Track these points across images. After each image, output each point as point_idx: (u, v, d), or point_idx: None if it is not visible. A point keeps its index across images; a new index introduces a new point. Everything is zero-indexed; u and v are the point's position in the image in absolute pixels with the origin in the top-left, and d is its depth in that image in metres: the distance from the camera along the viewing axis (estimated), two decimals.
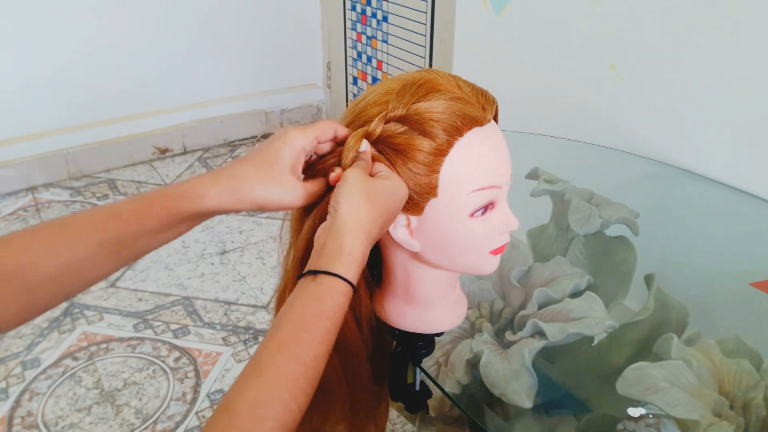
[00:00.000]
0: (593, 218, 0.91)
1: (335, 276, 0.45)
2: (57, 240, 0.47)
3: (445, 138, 0.50)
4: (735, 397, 0.69)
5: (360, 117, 0.53)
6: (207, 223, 1.91)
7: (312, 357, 0.43)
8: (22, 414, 1.27)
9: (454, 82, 0.52)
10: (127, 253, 0.49)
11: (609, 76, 1.22)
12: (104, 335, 1.47)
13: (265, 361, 0.42)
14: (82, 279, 0.48)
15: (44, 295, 0.47)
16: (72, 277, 0.48)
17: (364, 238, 0.47)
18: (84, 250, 0.47)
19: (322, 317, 0.44)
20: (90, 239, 0.47)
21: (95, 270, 0.49)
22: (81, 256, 0.47)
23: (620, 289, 0.89)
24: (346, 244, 0.46)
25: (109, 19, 2.04)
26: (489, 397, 0.71)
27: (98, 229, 0.48)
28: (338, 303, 0.45)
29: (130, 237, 0.49)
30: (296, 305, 0.45)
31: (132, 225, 0.48)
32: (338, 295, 0.45)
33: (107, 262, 0.49)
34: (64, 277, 0.47)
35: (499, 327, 0.81)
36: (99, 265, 0.48)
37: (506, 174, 0.54)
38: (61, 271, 0.47)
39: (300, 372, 0.42)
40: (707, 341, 0.75)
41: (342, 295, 0.45)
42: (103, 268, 0.49)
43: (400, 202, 0.51)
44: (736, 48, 1.01)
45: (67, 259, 0.47)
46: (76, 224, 0.48)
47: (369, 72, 2.18)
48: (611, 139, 1.21)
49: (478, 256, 0.55)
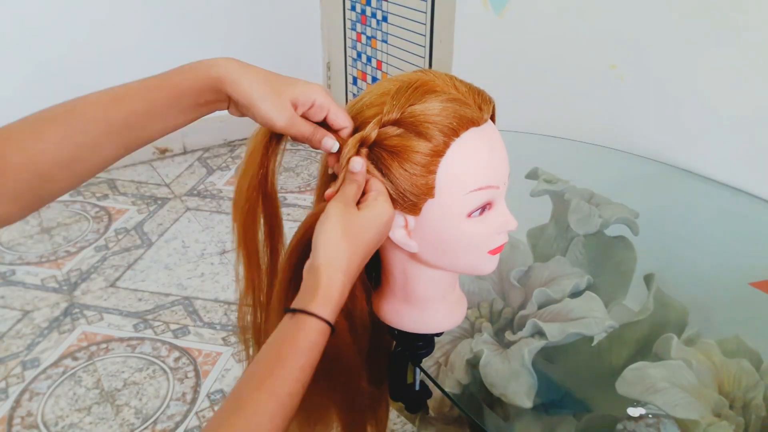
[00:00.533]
0: (593, 218, 0.91)
1: (311, 315, 0.46)
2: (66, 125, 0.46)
3: (441, 139, 0.50)
4: (735, 397, 0.69)
5: (356, 119, 0.53)
6: (207, 223, 1.91)
7: (287, 394, 0.43)
8: (22, 414, 1.27)
9: (451, 82, 0.52)
10: (138, 135, 0.48)
11: (609, 75, 1.22)
12: (104, 335, 1.47)
13: (243, 397, 0.43)
14: (91, 164, 0.47)
15: (57, 183, 0.46)
16: (82, 162, 0.47)
17: (342, 277, 0.48)
18: (94, 133, 0.46)
19: (298, 355, 0.45)
20: (99, 120, 0.46)
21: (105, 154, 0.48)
22: (91, 141, 0.46)
23: (620, 289, 0.89)
24: (322, 284, 0.47)
25: (109, 19, 2.04)
26: (489, 397, 0.71)
27: (108, 108, 0.47)
28: (313, 341, 0.46)
29: (140, 116, 0.48)
30: (274, 342, 0.46)
31: (142, 103, 0.48)
32: (314, 333, 0.46)
33: (118, 144, 0.48)
34: (75, 164, 0.46)
35: (498, 327, 0.81)
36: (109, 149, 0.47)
37: (504, 174, 0.54)
38: (71, 158, 0.46)
39: (276, 409, 0.43)
40: (707, 341, 0.75)
41: (317, 333, 0.46)
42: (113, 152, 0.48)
43: (384, 228, 0.51)
44: (736, 47, 1.01)
45: (77, 145, 0.46)
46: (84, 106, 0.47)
47: (369, 72, 2.18)
48: (611, 138, 1.21)
49: (477, 256, 0.55)
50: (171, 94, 0.48)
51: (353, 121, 0.53)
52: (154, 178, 2.16)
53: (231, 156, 2.32)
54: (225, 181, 2.16)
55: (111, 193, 2.07)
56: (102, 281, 1.66)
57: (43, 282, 1.65)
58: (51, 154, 0.45)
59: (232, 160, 2.29)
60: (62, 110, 0.47)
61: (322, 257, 0.48)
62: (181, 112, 0.49)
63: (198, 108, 0.50)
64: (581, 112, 1.30)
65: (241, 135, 2.41)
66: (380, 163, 0.51)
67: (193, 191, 2.09)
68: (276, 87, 0.50)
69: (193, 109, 0.50)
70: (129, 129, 0.48)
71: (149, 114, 0.48)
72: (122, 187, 2.10)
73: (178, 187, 2.11)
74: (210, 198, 2.05)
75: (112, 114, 0.47)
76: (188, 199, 2.05)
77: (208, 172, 2.21)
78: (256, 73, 0.50)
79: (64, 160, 0.46)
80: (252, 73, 0.50)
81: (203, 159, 2.29)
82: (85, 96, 0.47)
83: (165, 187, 2.11)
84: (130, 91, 0.48)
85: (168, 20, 2.13)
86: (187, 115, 0.50)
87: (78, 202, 2.01)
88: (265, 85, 0.49)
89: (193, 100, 0.49)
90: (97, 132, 0.46)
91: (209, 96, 0.50)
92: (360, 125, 0.53)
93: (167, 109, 0.49)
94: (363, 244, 0.49)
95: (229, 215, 1.95)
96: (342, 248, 0.48)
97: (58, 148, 0.45)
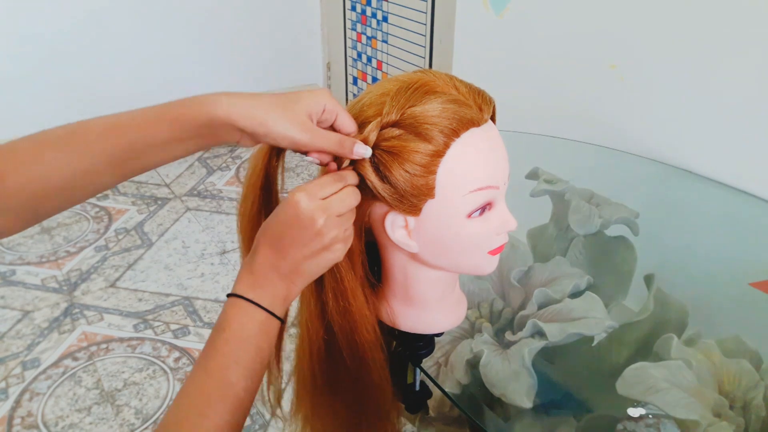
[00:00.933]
0: (593, 218, 0.91)
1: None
2: (67, 150, 0.46)
3: (441, 140, 0.50)
4: (735, 398, 0.69)
5: (356, 119, 0.53)
6: (207, 223, 1.91)
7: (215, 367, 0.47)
8: (22, 414, 1.27)
9: (451, 82, 0.52)
10: (136, 164, 0.49)
11: (609, 76, 1.22)
12: (104, 335, 1.47)
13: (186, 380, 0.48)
14: (88, 189, 0.48)
15: (51, 204, 0.47)
16: (79, 188, 0.47)
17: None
18: (93, 160, 0.47)
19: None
20: (99, 150, 0.47)
21: (103, 181, 0.48)
22: (90, 168, 0.47)
23: (620, 289, 0.89)
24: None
25: (109, 19, 2.04)
26: (489, 397, 0.71)
27: (108, 138, 0.47)
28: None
29: (139, 147, 0.48)
30: None
31: (142, 133, 0.48)
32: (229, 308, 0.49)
33: (116, 173, 0.48)
34: (72, 189, 0.47)
35: (499, 327, 0.81)
36: (107, 176, 0.48)
37: (504, 174, 0.54)
38: (69, 183, 0.46)
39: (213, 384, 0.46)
40: (707, 341, 0.75)
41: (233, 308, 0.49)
42: (111, 179, 0.49)
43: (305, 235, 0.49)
44: (736, 47, 1.01)
45: (76, 171, 0.46)
46: (85, 133, 0.47)
47: (369, 72, 2.18)
48: (611, 139, 1.21)
49: (477, 257, 0.55)
50: (172, 127, 0.48)
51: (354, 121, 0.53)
52: (155, 179, 2.16)
53: (231, 156, 2.32)
54: (225, 182, 2.16)
55: (111, 193, 2.07)
56: (102, 281, 1.66)
57: (43, 282, 1.66)
58: (50, 178, 0.46)
59: (233, 161, 2.29)
60: (63, 134, 0.47)
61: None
62: (181, 144, 0.49)
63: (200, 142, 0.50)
64: (581, 112, 1.30)
65: None
66: (380, 164, 0.51)
67: (194, 191, 2.09)
68: (286, 105, 0.49)
69: (194, 143, 0.49)
70: (128, 160, 0.48)
71: (149, 146, 0.48)
72: (122, 188, 2.10)
73: (178, 188, 2.11)
74: (210, 198, 2.05)
75: (111, 144, 0.47)
76: (188, 199, 2.05)
77: (208, 172, 2.21)
78: (261, 99, 0.49)
79: (62, 184, 0.46)
80: (258, 100, 0.49)
81: (203, 159, 2.29)
82: (86, 121, 0.48)
83: (165, 188, 2.11)
84: (131, 122, 0.48)
85: (168, 19, 2.13)
86: (189, 148, 0.50)
87: None
88: (276, 108, 0.48)
89: (195, 135, 0.49)
90: (96, 161, 0.47)
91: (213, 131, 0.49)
92: (360, 125, 0.53)
93: (167, 143, 0.48)
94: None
95: (229, 215, 1.95)
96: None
97: (57, 172, 0.46)
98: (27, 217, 0.47)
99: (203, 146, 0.50)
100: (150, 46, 2.12)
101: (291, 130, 0.48)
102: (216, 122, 0.48)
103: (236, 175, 2.20)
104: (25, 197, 0.45)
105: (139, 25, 2.09)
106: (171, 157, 0.50)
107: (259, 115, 0.47)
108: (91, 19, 2.01)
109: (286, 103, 0.48)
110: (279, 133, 0.48)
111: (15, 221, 0.46)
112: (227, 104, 0.47)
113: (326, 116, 0.51)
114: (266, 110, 0.47)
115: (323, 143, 0.49)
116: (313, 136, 0.48)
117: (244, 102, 0.48)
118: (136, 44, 2.10)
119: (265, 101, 0.48)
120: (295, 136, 0.48)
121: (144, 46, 2.11)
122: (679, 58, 1.09)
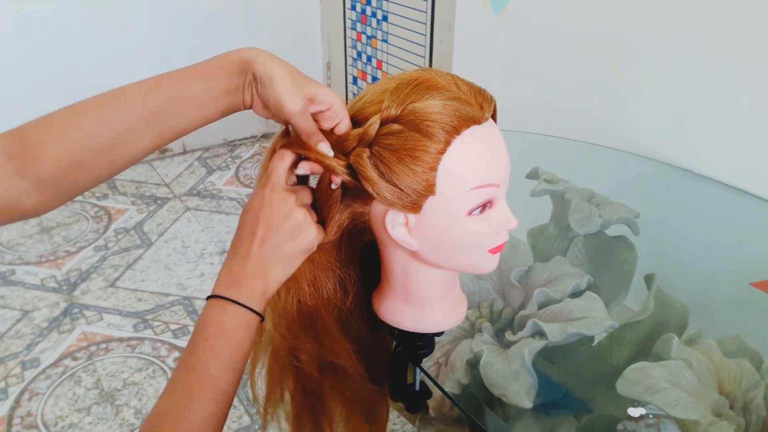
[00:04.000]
0: (593, 218, 0.91)
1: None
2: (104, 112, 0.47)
3: (442, 136, 0.50)
4: (735, 397, 0.69)
5: (357, 116, 0.53)
6: (206, 223, 1.91)
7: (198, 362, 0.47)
8: (21, 414, 1.27)
9: (452, 80, 0.52)
10: (174, 122, 0.49)
11: (609, 75, 1.22)
12: (104, 335, 1.47)
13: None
14: (128, 153, 0.48)
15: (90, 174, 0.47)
16: (119, 151, 0.47)
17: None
18: (132, 120, 0.47)
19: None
20: (138, 108, 0.47)
21: (142, 143, 0.48)
22: (129, 128, 0.47)
23: (620, 289, 0.89)
24: None
25: (108, 18, 2.04)
26: (489, 397, 0.71)
27: (146, 95, 0.48)
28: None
29: (176, 103, 0.48)
30: None
31: (178, 88, 0.49)
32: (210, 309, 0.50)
33: (155, 132, 0.48)
34: (111, 152, 0.47)
35: (499, 327, 0.81)
36: (146, 137, 0.48)
37: (504, 172, 0.54)
38: (108, 146, 0.47)
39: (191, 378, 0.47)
40: (707, 341, 0.75)
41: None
42: (150, 141, 0.49)
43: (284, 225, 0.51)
44: (736, 47, 1.01)
45: (115, 132, 0.47)
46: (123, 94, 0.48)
47: (369, 72, 2.18)
48: (611, 138, 1.21)
49: (477, 255, 0.55)
50: (206, 78, 0.49)
51: (354, 119, 0.53)
52: (154, 178, 2.16)
53: (231, 156, 2.32)
54: (225, 181, 2.16)
55: (111, 192, 2.07)
56: (102, 281, 1.66)
57: (42, 282, 1.65)
58: (90, 141, 0.46)
59: (232, 160, 2.29)
60: (101, 99, 0.48)
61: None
62: (213, 100, 0.50)
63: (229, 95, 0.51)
64: (581, 112, 1.29)
65: (241, 135, 2.41)
66: (380, 161, 0.51)
67: (193, 191, 2.09)
68: (299, 79, 0.51)
69: (224, 97, 0.51)
70: (165, 117, 0.48)
71: (185, 100, 0.49)
72: (122, 187, 2.10)
73: (177, 187, 2.11)
74: (210, 198, 2.05)
75: (149, 101, 0.48)
76: (188, 198, 2.04)
77: (207, 171, 2.21)
78: (284, 63, 0.51)
79: (101, 147, 0.46)
80: (281, 61, 0.51)
81: (203, 159, 2.29)
82: (122, 87, 0.48)
83: (165, 187, 2.11)
84: (166, 80, 0.49)
85: (167, 19, 2.13)
86: (219, 104, 0.51)
87: (77, 201, 2.01)
88: (290, 72, 0.50)
89: (224, 85, 0.50)
90: (136, 119, 0.47)
91: (239, 80, 0.50)
92: (360, 122, 0.53)
93: (201, 96, 0.49)
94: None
95: (229, 215, 1.95)
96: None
97: (97, 135, 0.46)
98: (65, 190, 0.47)
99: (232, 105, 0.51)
100: (149, 45, 2.12)
101: (287, 95, 0.50)
102: (240, 66, 0.50)
103: (236, 174, 2.19)
104: (64, 165, 0.45)
105: (139, 24, 2.09)
106: (204, 118, 0.50)
107: (273, 68, 0.49)
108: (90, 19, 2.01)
109: (301, 78, 0.51)
110: (276, 89, 0.49)
111: (52, 196, 0.46)
112: (254, 52, 0.50)
113: (330, 114, 0.52)
114: (281, 70, 0.50)
115: (302, 122, 0.51)
116: (300, 111, 0.50)
117: (269, 56, 0.50)
118: (136, 43, 2.10)
119: (287, 66, 0.51)
120: (287, 101, 0.50)
121: (143, 44, 2.11)
122: (679, 57, 1.09)
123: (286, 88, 0.49)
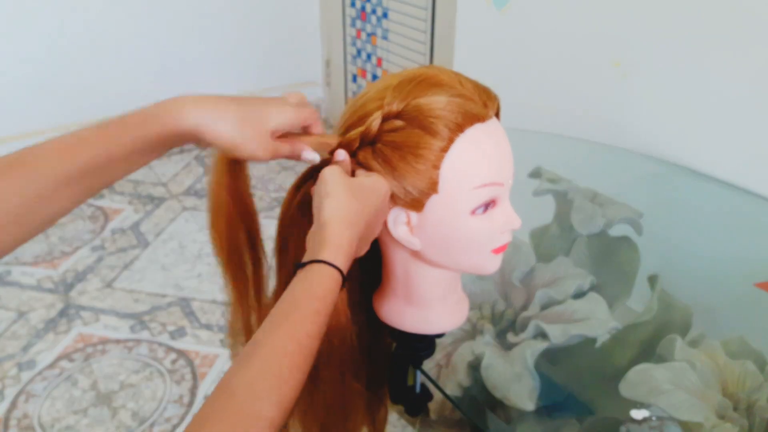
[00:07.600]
0: (596, 218, 0.90)
1: (321, 262, 0.46)
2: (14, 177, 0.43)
3: (446, 134, 0.49)
4: (739, 399, 0.69)
5: (359, 112, 0.52)
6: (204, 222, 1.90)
7: (305, 335, 0.43)
8: (18, 416, 1.26)
9: (456, 78, 0.52)
10: (98, 180, 0.47)
11: (612, 73, 1.21)
12: (100, 337, 1.46)
13: (260, 341, 0.42)
14: (47, 215, 0.45)
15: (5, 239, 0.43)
16: (36, 215, 0.44)
17: (349, 229, 0.48)
18: (49, 183, 0.44)
19: (312, 299, 0.45)
20: (56, 171, 0.44)
21: (61, 204, 0.46)
22: (44, 192, 0.44)
23: (623, 290, 0.88)
24: (329, 237, 0.47)
25: (107, 17, 2.03)
26: (491, 399, 0.71)
27: (63, 158, 0.45)
28: (327, 287, 0.46)
29: (100, 163, 0.46)
30: (287, 293, 0.46)
31: (101, 151, 0.46)
32: (326, 279, 0.46)
33: (77, 192, 0.46)
34: (27, 217, 0.44)
35: (500, 328, 0.81)
36: (66, 199, 0.45)
37: (508, 171, 0.53)
38: (22, 211, 0.43)
39: (295, 349, 0.42)
40: (711, 342, 0.75)
41: (330, 279, 0.46)
42: (71, 201, 0.46)
43: (383, 197, 0.51)
44: (740, 45, 1.00)
45: (29, 198, 0.43)
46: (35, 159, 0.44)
47: (369, 69, 2.17)
48: (614, 137, 1.21)
49: (480, 255, 0.55)
50: (134, 141, 0.47)
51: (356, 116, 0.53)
52: (151, 178, 2.15)
53: None
54: None
55: (107, 192, 2.06)
56: (98, 282, 1.64)
57: (38, 282, 1.64)
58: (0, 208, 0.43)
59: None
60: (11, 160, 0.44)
61: (327, 214, 0.48)
62: (144, 155, 0.48)
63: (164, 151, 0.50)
64: (584, 110, 1.29)
65: None
66: (383, 159, 0.51)
67: (190, 190, 2.08)
68: (253, 122, 0.50)
69: (158, 151, 0.49)
70: (88, 176, 0.46)
71: (110, 160, 0.46)
72: (118, 187, 2.09)
73: (174, 187, 2.10)
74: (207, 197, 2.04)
75: (66, 164, 0.45)
76: (185, 198, 2.03)
77: (205, 171, 2.20)
78: (226, 109, 0.49)
79: (13, 213, 0.43)
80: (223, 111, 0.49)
81: (200, 158, 2.28)
82: (36, 146, 0.45)
83: (161, 187, 2.10)
84: (88, 140, 0.46)
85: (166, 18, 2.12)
86: (152, 157, 0.49)
87: None
88: (243, 124, 0.49)
89: (159, 146, 0.48)
90: (52, 182, 0.44)
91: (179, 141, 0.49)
92: (362, 119, 0.52)
93: (129, 155, 0.47)
94: (368, 203, 0.50)
95: None
96: (346, 204, 0.48)
97: (4, 201, 0.43)
98: None
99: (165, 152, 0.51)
100: (147, 44, 2.11)
101: (256, 151, 0.51)
102: (183, 135, 0.49)
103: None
104: None
105: (139, 23, 2.08)
106: (136, 167, 0.49)
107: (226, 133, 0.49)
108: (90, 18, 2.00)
109: (253, 120, 0.50)
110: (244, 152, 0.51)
111: None
112: (193, 116, 0.48)
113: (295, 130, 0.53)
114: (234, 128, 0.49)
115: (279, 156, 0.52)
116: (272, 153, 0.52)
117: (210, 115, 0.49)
118: (136, 42, 2.09)
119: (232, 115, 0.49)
120: (258, 155, 0.51)
121: (143, 42, 2.10)
122: (683, 55, 1.08)
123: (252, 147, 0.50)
